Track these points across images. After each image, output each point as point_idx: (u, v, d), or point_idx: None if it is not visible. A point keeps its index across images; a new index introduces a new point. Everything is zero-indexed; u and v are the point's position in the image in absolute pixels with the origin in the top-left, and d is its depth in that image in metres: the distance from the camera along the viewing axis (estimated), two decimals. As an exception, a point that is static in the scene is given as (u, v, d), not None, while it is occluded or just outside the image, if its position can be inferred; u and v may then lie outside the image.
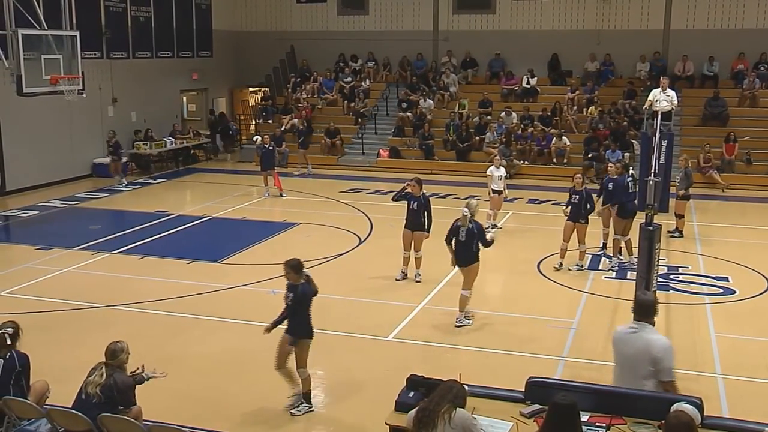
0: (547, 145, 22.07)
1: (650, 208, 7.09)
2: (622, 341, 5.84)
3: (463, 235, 9.88)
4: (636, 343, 5.69)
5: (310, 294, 7.56)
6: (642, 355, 5.65)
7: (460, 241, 9.93)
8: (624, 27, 24.37)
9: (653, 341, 5.68)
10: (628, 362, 5.75)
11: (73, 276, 12.44)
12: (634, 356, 5.69)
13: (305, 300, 7.53)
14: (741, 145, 21.11)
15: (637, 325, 5.77)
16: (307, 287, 7.54)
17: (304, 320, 7.58)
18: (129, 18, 22.74)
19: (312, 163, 22.81)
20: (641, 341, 5.68)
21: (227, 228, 16.09)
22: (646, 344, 5.65)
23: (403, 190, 11.96)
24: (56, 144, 19.92)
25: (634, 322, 5.81)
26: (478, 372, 8.42)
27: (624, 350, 5.81)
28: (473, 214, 9.94)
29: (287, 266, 7.54)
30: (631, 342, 5.73)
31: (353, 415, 7.74)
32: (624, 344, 5.81)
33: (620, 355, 5.87)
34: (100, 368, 6.27)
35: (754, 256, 13.48)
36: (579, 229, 12.48)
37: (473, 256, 9.95)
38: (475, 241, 9.85)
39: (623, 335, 5.86)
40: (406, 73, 26.26)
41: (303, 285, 7.52)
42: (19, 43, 14.00)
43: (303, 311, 7.55)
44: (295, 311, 7.54)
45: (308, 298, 7.55)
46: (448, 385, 5.22)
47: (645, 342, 5.67)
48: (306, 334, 7.61)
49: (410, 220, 11.84)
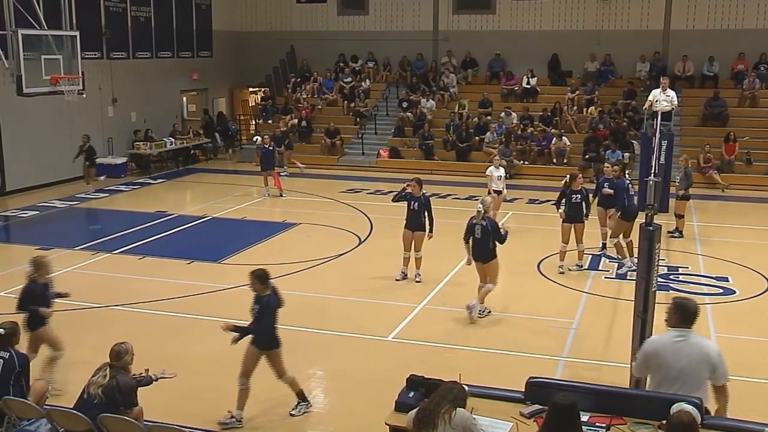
0: (547, 145, 22.08)
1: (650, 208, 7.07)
2: (670, 351, 5.54)
3: (479, 232, 10.17)
4: (689, 351, 5.48)
5: (274, 305, 7.41)
6: (701, 363, 5.49)
7: (476, 239, 10.23)
8: (624, 27, 24.38)
9: (709, 347, 5.56)
10: (684, 372, 5.50)
11: (73, 276, 12.42)
12: (690, 365, 5.49)
13: (270, 311, 7.38)
14: (741, 145, 21.12)
15: (683, 333, 5.54)
16: (273, 299, 7.40)
17: (270, 332, 7.43)
18: (129, 18, 22.76)
19: (312, 164, 22.83)
20: (695, 349, 5.49)
21: (227, 228, 16.09)
22: (702, 351, 5.50)
23: (403, 191, 11.95)
24: (56, 144, 19.92)
25: (676, 329, 5.57)
26: (477, 372, 8.41)
27: (674, 361, 5.52)
28: (487, 211, 10.24)
29: (252, 276, 7.40)
30: (683, 351, 5.50)
31: (353, 416, 7.74)
32: (674, 354, 5.52)
33: (668, 366, 5.55)
34: (104, 369, 6.29)
35: (754, 257, 13.48)
36: (577, 229, 12.48)
37: (490, 253, 10.24)
38: (490, 238, 10.12)
39: (669, 345, 5.56)
40: (406, 73, 26.27)
41: (268, 296, 7.38)
42: (19, 43, 14.00)
43: (268, 323, 7.40)
44: (260, 323, 7.38)
45: (273, 309, 7.40)
46: (449, 386, 5.23)
47: (699, 349, 5.50)
48: (273, 345, 7.48)
49: (411, 221, 11.83)
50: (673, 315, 5.65)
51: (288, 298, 11.25)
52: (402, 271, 12.08)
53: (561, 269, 12.54)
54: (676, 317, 5.62)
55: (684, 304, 5.67)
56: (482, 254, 10.28)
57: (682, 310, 5.60)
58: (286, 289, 11.61)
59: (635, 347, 7.03)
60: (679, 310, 5.62)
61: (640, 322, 6.91)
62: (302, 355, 9.27)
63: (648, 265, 6.73)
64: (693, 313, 5.60)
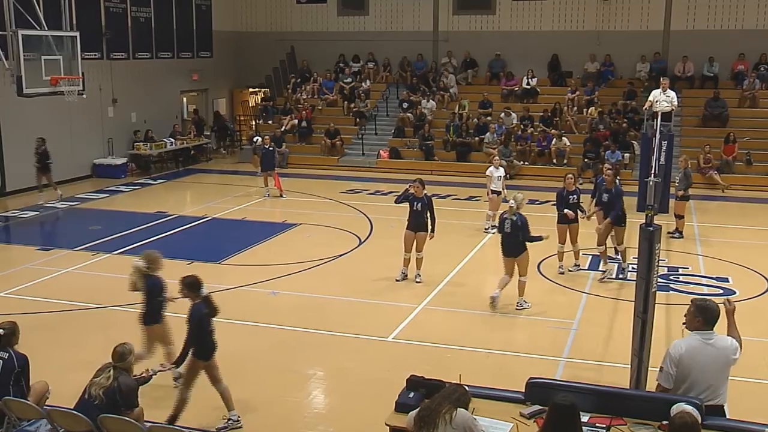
0: (547, 145, 22.08)
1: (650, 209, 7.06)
2: (703, 355, 5.52)
3: (508, 227, 10.52)
4: (718, 354, 5.53)
5: (202, 314, 7.06)
6: (726, 363, 5.55)
7: (506, 233, 10.59)
8: (624, 28, 24.38)
9: (730, 344, 5.59)
10: (715, 375, 5.55)
11: (73, 277, 12.44)
12: (719, 367, 5.54)
13: (197, 320, 7.05)
14: (741, 145, 21.13)
15: (709, 335, 5.55)
16: (201, 306, 7.08)
17: (202, 342, 7.13)
18: (129, 18, 22.75)
19: (312, 164, 22.82)
20: (720, 351, 5.54)
21: (227, 228, 16.08)
22: (725, 351, 5.54)
23: (406, 192, 11.93)
24: (56, 145, 19.87)
25: (702, 332, 5.55)
26: (478, 372, 8.42)
27: (707, 364, 5.52)
28: (519, 207, 10.54)
29: (182, 283, 7.16)
30: (713, 355, 5.52)
31: (353, 416, 7.73)
32: (706, 358, 5.52)
33: (701, 370, 5.52)
34: (107, 370, 6.27)
35: (754, 257, 13.48)
36: (572, 230, 12.46)
37: (520, 246, 10.58)
38: (519, 232, 10.45)
39: (701, 349, 5.52)
40: (406, 73, 26.27)
41: (197, 304, 7.09)
42: (19, 44, 14.00)
43: (198, 333, 7.09)
44: (191, 332, 7.10)
45: (202, 318, 7.06)
46: (452, 388, 5.24)
47: (723, 350, 5.54)
48: (203, 357, 7.17)
49: (413, 221, 11.81)
50: (696, 318, 5.60)
51: (288, 299, 11.37)
52: (402, 271, 12.08)
53: (561, 270, 12.55)
54: (700, 320, 5.57)
55: (707, 306, 5.62)
56: (512, 249, 10.61)
57: (707, 313, 5.56)
58: (287, 289, 11.75)
59: (635, 348, 7.04)
60: (703, 312, 5.57)
61: (640, 323, 6.92)
62: (302, 355, 9.29)
63: (648, 266, 6.73)
64: (717, 314, 5.59)
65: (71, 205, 18.15)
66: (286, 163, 22.81)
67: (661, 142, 12.50)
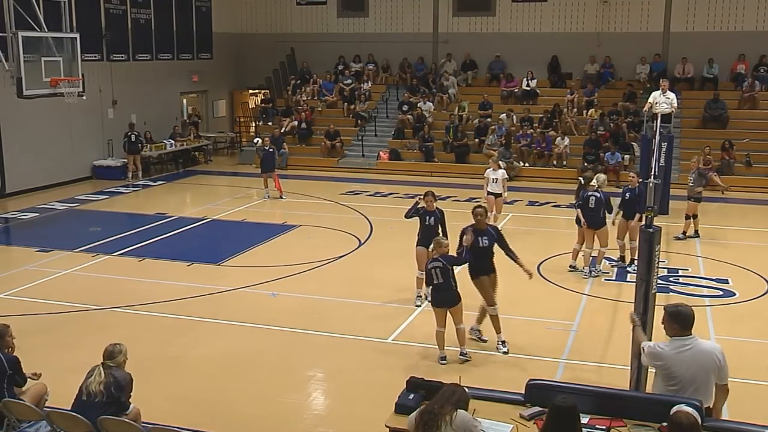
0: (547, 147, 22.07)
1: (650, 210, 7.06)
2: (679, 361, 5.51)
3: (593, 203, 12.01)
4: (698, 359, 5.49)
5: None
6: (709, 367, 5.50)
7: (590, 208, 12.05)
8: (624, 29, 24.39)
9: (713, 349, 5.56)
10: (696, 380, 5.50)
11: (73, 278, 12.44)
12: (700, 372, 5.49)
13: None
14: (741, 147, 21.11)
15: (687, 341, 5.51)
16: None
17: None
18: (129, 20, 22.76)
19: (312, 165, 22.81)
20: (703, 354, 5.49)
21: (227, 230, 16.09)
22: (709, 355, 5.50)
23: (415, 206, 11.13)
24: (56, 146, 19.94)
25: (679, 337, 5.52)
26: (478, 374, 8.42)
27: (684, 370, 5.50)
28: (601, 186, 12.13)
29: None
30: (693, 358, 5.49)
31: (353, 417, 7.73)
32: (683, 363, 5.50)
33: (679, 377, 5.52)
34: (98, 368, 6.28)
35: (754, 258, 13.47)
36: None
37: (601, 221, 12.14)
38: (602, 207, 12.03)
39: (676, 356, 5.51)
40: (406, 75, 26.27)
41: None
42: (19, 45, 14.02)
43: None
44: None
45: None
46: (452, 389, 5.22)
47: (706, 353, 5.50)
48: None
49: (425, 237, 10.73)
50: (672, 324, 5.56)
51: (288, 300, 11.37)
52: (417, 294, 11.04)
53: (570, 268, 12.68)
54: (676, 326, 5.54)
55: (680, 311, 5.56)
56: (595, 222, 12.10)
57: (681, 318, 5.52)
58: (286, 290, 11.74)
59: (635, 350, 7.03)
60: (677, 318, 5.53)
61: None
62: (302, 356, 9.28)
63: (648, 267, 6.73)
64: (691, 317, 5.54)
65: (71, 206, 18.15)
66: (286, 165, 22.81)
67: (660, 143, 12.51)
